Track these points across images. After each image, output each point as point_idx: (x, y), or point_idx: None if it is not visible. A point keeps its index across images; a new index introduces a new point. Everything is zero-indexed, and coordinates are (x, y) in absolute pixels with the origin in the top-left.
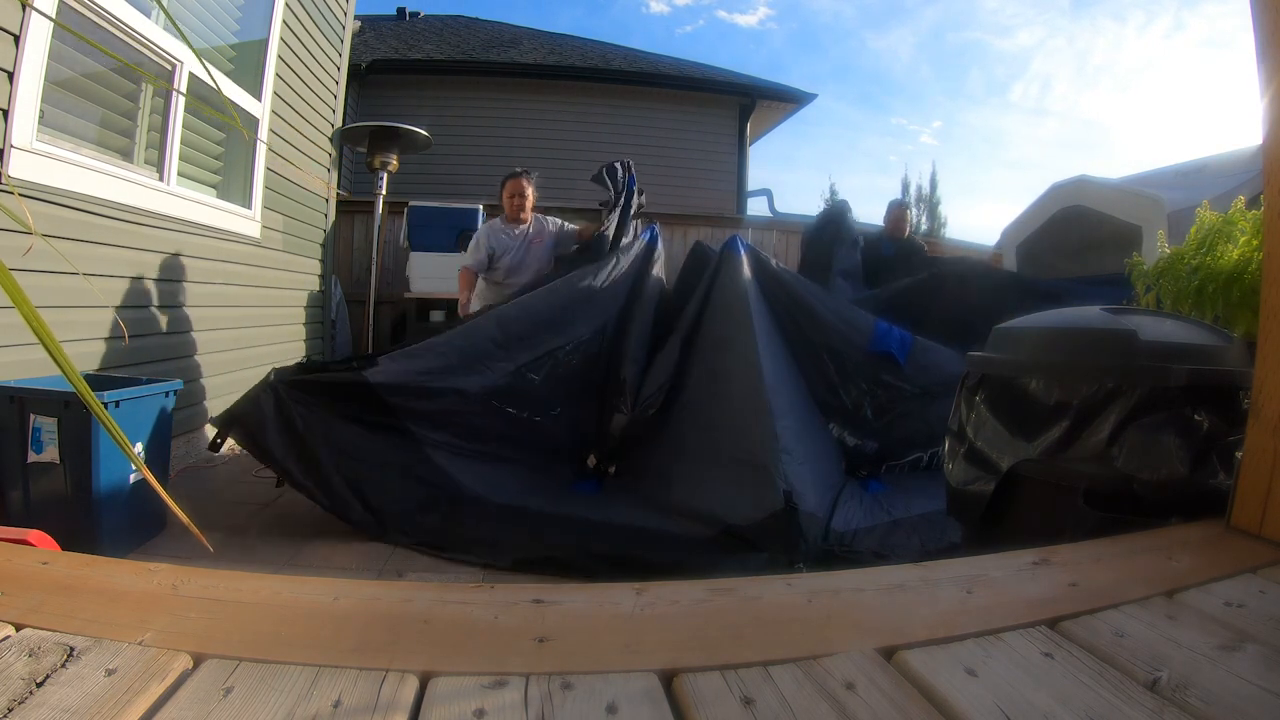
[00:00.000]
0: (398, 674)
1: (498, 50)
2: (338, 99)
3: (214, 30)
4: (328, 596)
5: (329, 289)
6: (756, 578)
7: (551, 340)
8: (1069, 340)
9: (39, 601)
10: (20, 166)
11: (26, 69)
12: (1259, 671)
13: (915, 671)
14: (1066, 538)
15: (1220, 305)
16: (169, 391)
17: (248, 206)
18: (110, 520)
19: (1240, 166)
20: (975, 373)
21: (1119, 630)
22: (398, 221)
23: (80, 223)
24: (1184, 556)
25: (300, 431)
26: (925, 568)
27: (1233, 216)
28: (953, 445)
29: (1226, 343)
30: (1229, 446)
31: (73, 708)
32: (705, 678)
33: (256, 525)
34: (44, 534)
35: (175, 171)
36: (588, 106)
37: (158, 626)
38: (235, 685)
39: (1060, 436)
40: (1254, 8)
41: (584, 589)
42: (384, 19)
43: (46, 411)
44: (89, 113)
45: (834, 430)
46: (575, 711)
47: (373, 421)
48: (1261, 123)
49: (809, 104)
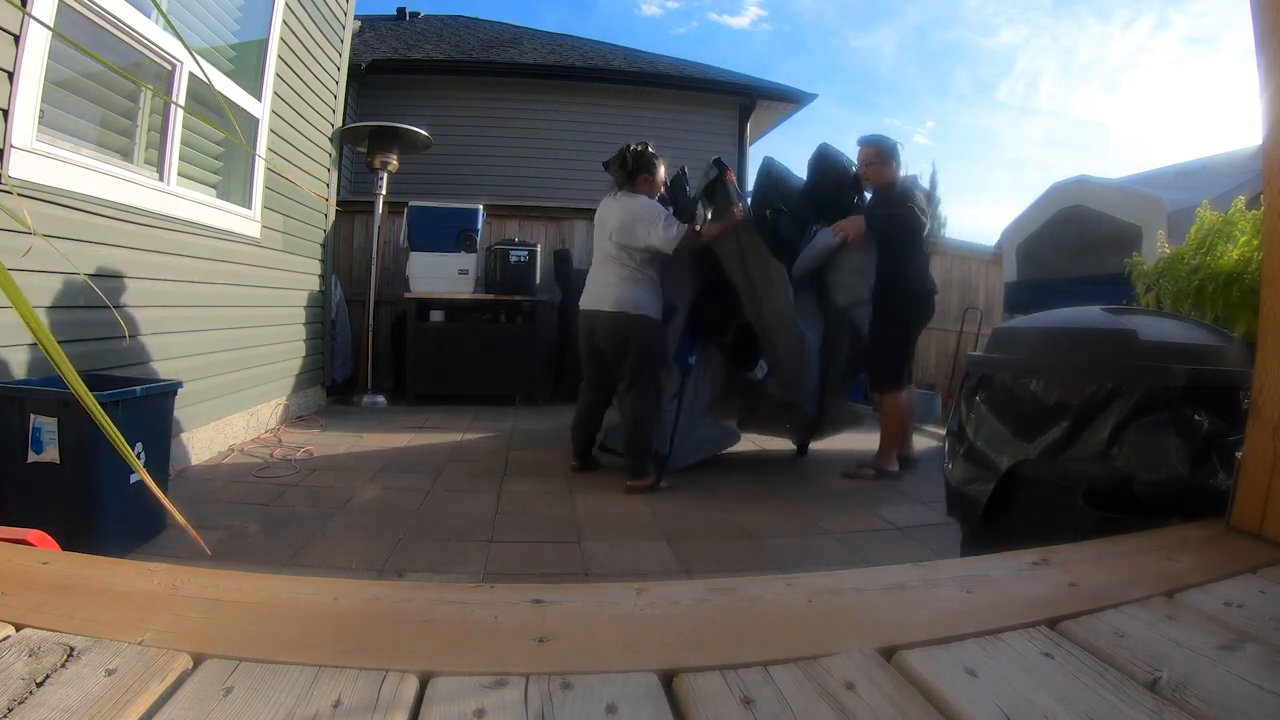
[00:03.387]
0: (398, 674)
1: (498, 50)
2: (338, 99)
3: (214, 30)
4: (328, 596)
5: (329, 289)
6: (756, 577)
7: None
8: (1069, 340)
9: (39, 601)
10: (20, 166)
11: (26, 69)
12: (1259, 671)
13: (915, 671)
14: (1066, 538)
15: (1220, 305)
16: (169, 391)
17: (248, 206)
18: (110, 520)
19: (1240, 166)
20: (975, 373)
21: (1119, 630)
22: (398, 221)
23: (80, 223)
24: (1184, 556)
25: None
26: (925, 568)
27: (1233, 216)
28: (952, 445)
29: (1226, 343)
30: (1229, 446)
31: (73, 708)
32: (705, 678)
33: (256, 525)
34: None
35: (175, 171)
36: (588, 106)
37: (158, 626)
38: (235, 685)
39: (1060, 436)
40: (1254, 7)
41: (584, 589)
42: (384, 19)
43: (46, 411)
44: (89, 113)
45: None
46: (575, 711)
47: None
48: (1261, 122)
49: (809, 104)
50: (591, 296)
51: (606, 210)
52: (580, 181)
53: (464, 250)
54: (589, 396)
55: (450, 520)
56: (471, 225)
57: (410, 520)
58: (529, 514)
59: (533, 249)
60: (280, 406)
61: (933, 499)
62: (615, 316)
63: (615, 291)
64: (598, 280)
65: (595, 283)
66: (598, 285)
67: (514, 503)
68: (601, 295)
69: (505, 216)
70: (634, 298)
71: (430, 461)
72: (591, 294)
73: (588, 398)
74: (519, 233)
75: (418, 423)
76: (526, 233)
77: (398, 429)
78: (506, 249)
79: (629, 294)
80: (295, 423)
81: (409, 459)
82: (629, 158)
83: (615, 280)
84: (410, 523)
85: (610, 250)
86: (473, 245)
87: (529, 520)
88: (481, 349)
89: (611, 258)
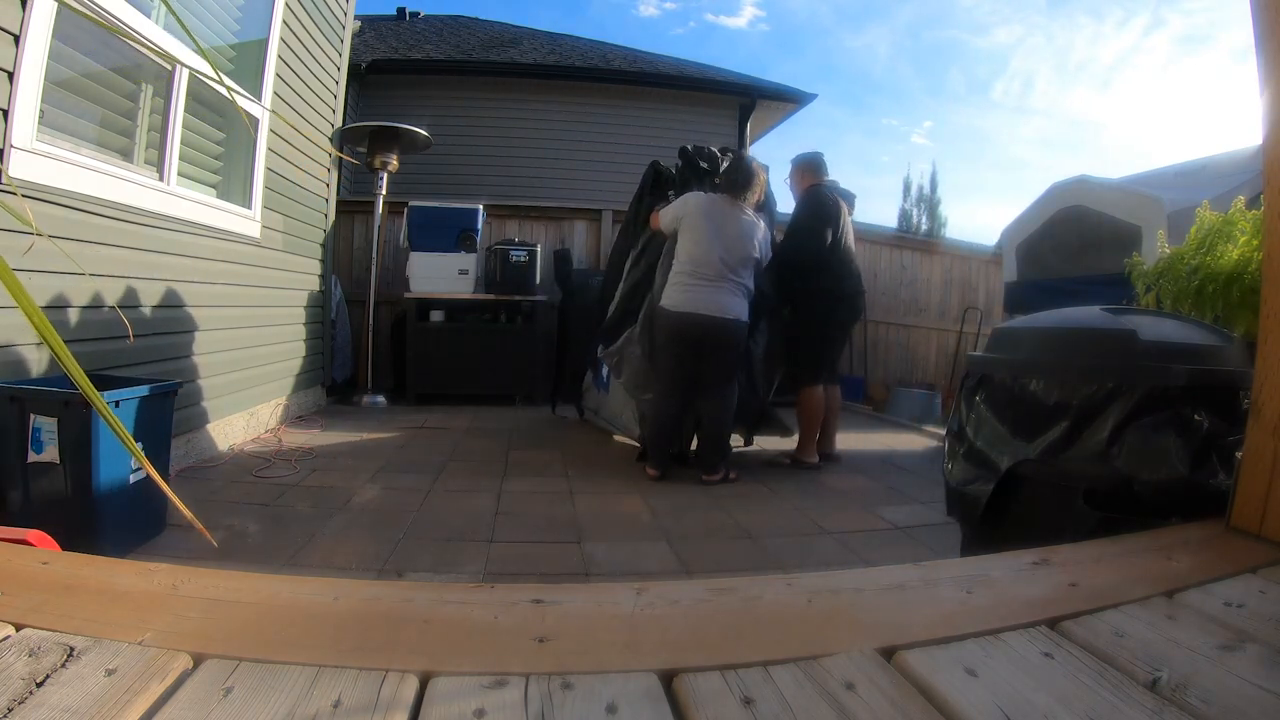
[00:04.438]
0: (398, 674)
1: (498, 50)
2: (338, 99)
3: (214, 30)
4: (328, 596)
5: (329, 289)
6: (756, 577)
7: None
8: (1069, 340)
9: (39, 601)
10: (20, 166)
11: (26, 69)
12: (1259, 671)
13: (915, 671)
14: (1066, 538)
15: (1220, 305)
16: (169, 391)
17: (248, 206)
18: (110, 520)
19: (1240, 166)
20: (975, 373)
21: (1119, 630)
22: (398, 221)
23: (80, 223)
24: (1184, 556)
25: None
26: (925, 568)
27: (1233, 216)
28: (952, 445)
29: (1226, 343)
30: (1229, 446)
31: (73, 708)
32: (705, 678)
33: (256, 525)
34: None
35: (175, 171)
36: (588, 106)
37: (158, 626)
38: (235, 685)
39: (1060, 436)
40: (1253, 7)
41: (584, 589)
42: (384, 19)
43: (46, 411)
44: (89, 113)
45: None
46: (575, 711)
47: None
48: (1261, 122)
49: (809, 104)
50: (701, 302)
51: (722, 215)
52: (580, 181)
53: (464, 250)
54: (674, 403)
55: (450, 520)
56: (471, 225)
57: (410, 520)
58: (529, 514)
59: (533, 249)
60: (280, 406)
61: (933, 499)
62: (729, 323)
63: (728, 300)
64: (705, 286)
65: (702, 288)
66: (707, 292)
67: (514, 503)
68: (716, 302)
69: (505, 216)
70: (741, 307)
71: (430, 461)
72: (700, 299)
73: (672, 406)
74: (519, 233)
75: (418, 423)
76: (526, 233)
77: (398, 429)
78: (506, 249)
79: (738, 303)
80: (295, 423)
81: (409, 459)
82: (747, 171)
83: (728, 288)
84: (410, 523)
85: (723, 257)
86: (473, 245)
87: (529, 520)
88: (481, 349)
89: (724, 264)
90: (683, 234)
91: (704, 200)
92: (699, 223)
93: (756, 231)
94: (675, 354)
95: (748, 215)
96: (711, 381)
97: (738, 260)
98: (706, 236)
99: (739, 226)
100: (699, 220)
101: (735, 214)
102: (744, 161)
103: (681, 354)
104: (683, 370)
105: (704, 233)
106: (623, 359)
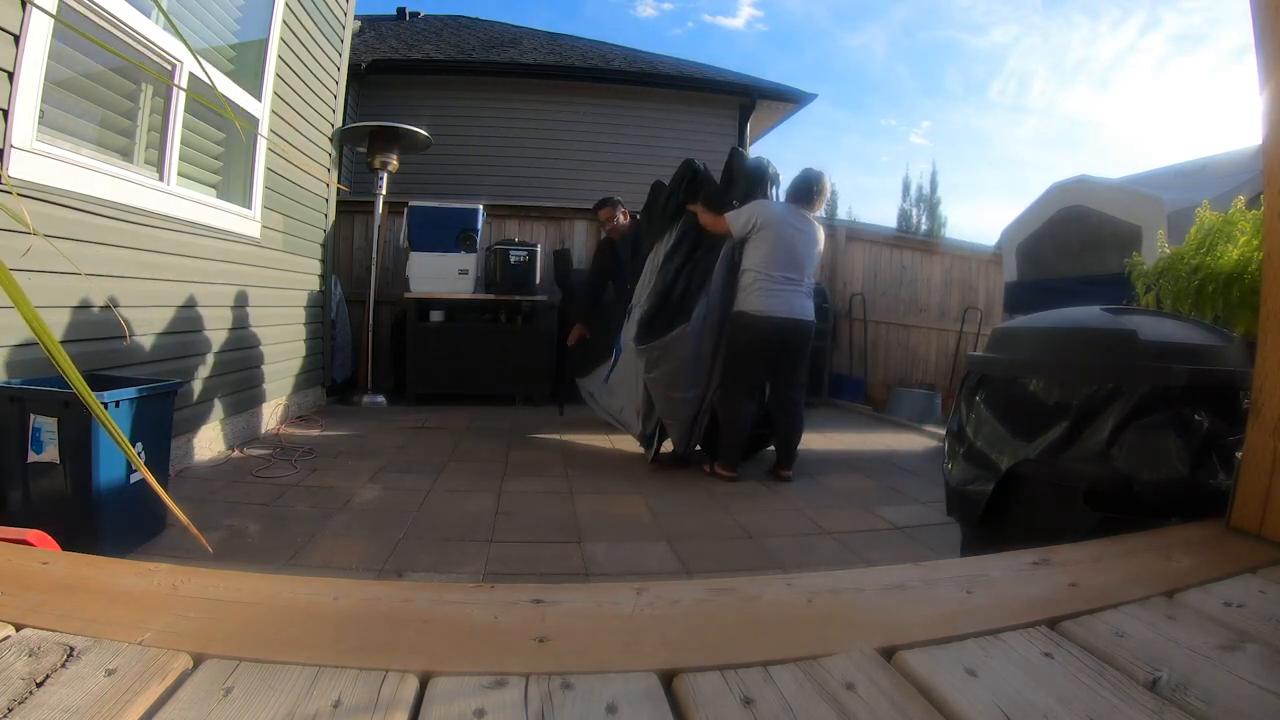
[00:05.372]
0: (398, 674)
1: (498, 50)
2: (338, 99)
3: (214, 30)
4: (328, 596)
5: (329, 289)
6: (756, 578)
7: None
8: (1069, 340)
9: (39, 601)
10: (20, 166)
11: (26, 69)
12: (1259, 671)
13: (915, 671)
14: (1066, 538)
15: (1220, 305)
16: (169, 391)
17: (248, 206)
18: (110, 520)
19: (1240, 166)
20: (975, 373)
21: (1119, 630)
22: (398, 221)
23: (80, 223)
24: (1184, 556)
25: None
26: (925, 568)
27: (1233, 216)
28: (952, 445)
29: (1226, 343)
30: (1229, 446)
31: (73, 708)
32: (705, 678)
33: (256, 525)
34: (44, 534)
35: (175, 171)
36: (588, 106)
37: (158, 626)
38: (235, 685)
39: (1060, 436)
40: (1253, 6)
41: (584, 589)
42: (384, 19)
43: (46, 411)
44: (89, 113)
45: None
46: (575, 711)
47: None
48: (1260, 121)
49: (809, 104)
50: (786, 306)
51: (799, 222)
52: (580, 181)
53: (464, 250)
54: (752, 404)
55: (450, 520)
56: (471, 225)
57: (410, 520)
58: (529, 514)
59: (532, 249)
60: (280, 406)
61: (933, 499)
62: (809, 325)
63: (806, 303)
64: (787, 291)
65: (784, 293)
66: (790, 296)
67: (514, 503)
68: (800, 306)
69: (505, 216)
70: (813, 309)
71: (430, 461)
72: (785, 303)
73: (752, 406)
74: (519, 233)
75: (418, 423)
76: (526, 233)
77: (398, 429)
78: (506, 249)
79: (811, 305)
80: (295, 423)
81: (409, 459)
82: (818, 183)
83: (804, 292)
84: (410, 523)
85: (799, 262)
86: (473, 245)
87: (529, 520)
88: (481, 349)
89: (800, 270)
90: (759, 240)
91: (780, 209)
92: (780, 231)
93: (821, 237)
94: (760, 356)
95: (814, 223)
96: (793, 381)
97: (808, 265)
98: (786, 243)
99: (811, 233)
100: (779, 229)
101: (807, 222)
102: (813, 173)
103: (765, 356)
104: (763, 371)
105: (783, 240)
106: (666, 355)
